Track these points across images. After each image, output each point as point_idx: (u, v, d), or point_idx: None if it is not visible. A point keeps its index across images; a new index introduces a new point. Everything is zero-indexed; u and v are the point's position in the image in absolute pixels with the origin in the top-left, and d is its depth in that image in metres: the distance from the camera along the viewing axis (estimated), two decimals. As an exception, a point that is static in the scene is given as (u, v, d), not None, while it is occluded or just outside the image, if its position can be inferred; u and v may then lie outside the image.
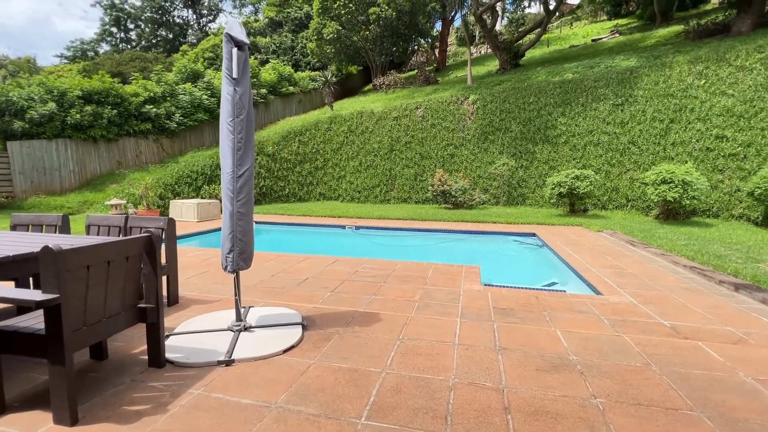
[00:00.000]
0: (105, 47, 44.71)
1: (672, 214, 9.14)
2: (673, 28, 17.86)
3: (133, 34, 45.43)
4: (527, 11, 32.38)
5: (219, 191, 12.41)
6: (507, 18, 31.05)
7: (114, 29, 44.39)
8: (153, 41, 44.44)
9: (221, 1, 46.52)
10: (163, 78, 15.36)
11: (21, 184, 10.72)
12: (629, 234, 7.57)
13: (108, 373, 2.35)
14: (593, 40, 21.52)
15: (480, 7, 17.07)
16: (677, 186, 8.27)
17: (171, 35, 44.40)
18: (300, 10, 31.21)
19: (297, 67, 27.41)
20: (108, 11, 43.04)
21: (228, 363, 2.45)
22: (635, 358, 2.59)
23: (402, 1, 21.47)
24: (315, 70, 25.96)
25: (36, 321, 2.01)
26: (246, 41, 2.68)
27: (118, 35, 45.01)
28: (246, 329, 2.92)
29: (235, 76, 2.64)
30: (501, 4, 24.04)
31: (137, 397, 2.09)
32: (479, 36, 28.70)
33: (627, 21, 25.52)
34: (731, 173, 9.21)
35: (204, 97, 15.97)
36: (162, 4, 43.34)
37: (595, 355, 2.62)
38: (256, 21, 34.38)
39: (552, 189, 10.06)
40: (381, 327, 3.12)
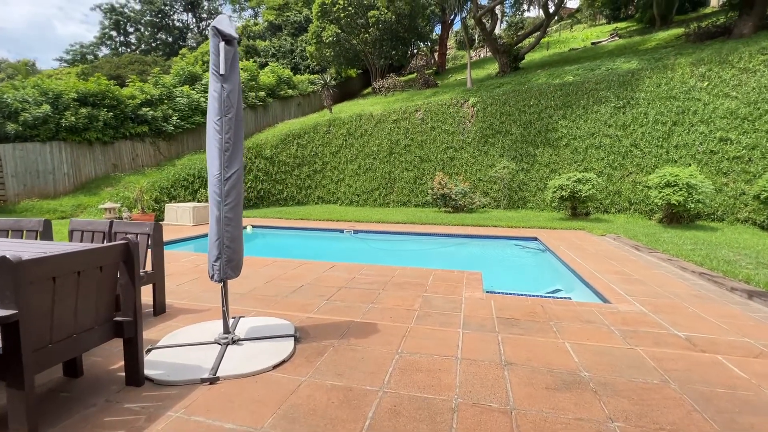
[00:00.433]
0: (105, 51, 44.72)
1: (676, 217, 8.98)
2: (673, 31, 17.80)
3: (133, 37, 45.49)
4: (526, 15, 32.44)
5: (216, 195, 12.23)
6: (506, 22, 31.10)
7: (114, 33, 44.44)
8: (153, 45, 44.47)
9: (221, 5, 46.56)
10: (161, 80, 15.23)
11: (13, 187, 10.54)
12: (633, 238, 7.41)
13: (81, 393, 2.17)
14: (593, 43, 21.47)
15: (479, 10, 17.02)
16: (681, 189, 8.12)
17: (170, 39, 44.43)
18: (299, 13, 31.22)
19: (296, 71, 27.34)
20: (108, 15, 43.10)
21: (212, 381, 2.27)
22: (651, 374, 2.41)
23: (401, 5, 21.44)
24: (314, 73, 25.89)
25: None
26: (235, 35, 2.52)
27: (117, 39, 45.05)
28: (234, 342, 2.73)
29: (223, 72, 2.47)
30: (500, 7, 24.05)
31: (109, 422, 1.90)
32: (479, 39, 28.69)
33: (626, 24, 25.51)
34: (736, 176, 9.07)
35: (202, 100, 15.83)
36: (162, 8, 43.41)
37: (609, 371, 2.44)
38: (255, 24, 34.39)
39: (553, 192, 9.91)
40: (378, 339, 2.94)
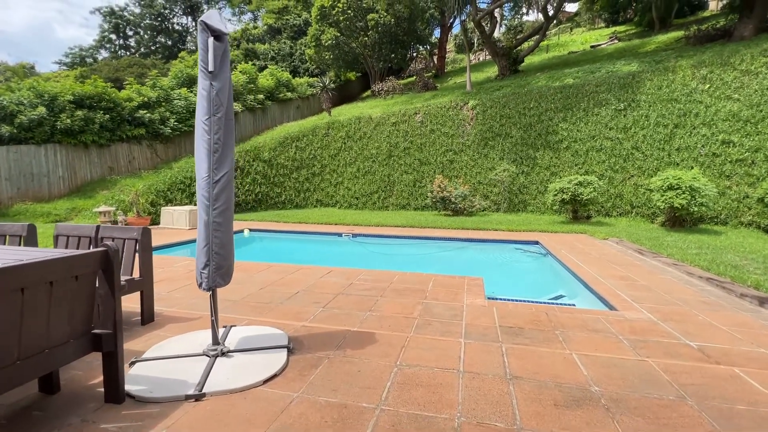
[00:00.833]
0: (104, 54, 44.71)
1: (679, 221, 8.86)
2: (673, 34, 17.80)
3: (132, 41, 45.51)
4: (525, 19, 32.55)
5: (213, 198, 12.09)
6: (505, 26, 31.17)
7: (113, 36, 44.45)
8: (152, 48, 44.50)
9: (221, 9, 46.64)
10: (158, 83, 15.14)
11: (7, 190, 10.38)
12: (636, 242, 7.28)
13: (56, 411, 2.02)
14: (592, 46, 21.48)
15: (478, 13, 16.99)
16: (685, 192, 8.01)
17: (170, 42, 44.46)
18: (299, 17, 31.26)
19: (295, 74, 27.31)
20: (107, 18, 43.14)
21: (198, 398, 2.12)
22: (666, 389, 2.27)
23: (401, 8, 21.44)
24: (313, 76, 25.86)
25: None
26: (225, 31, 2.39)
27: (117, 42, 45.07)
28: (223, 354, 2.59)
29: (212, 69, 2.35)
30: (499, 11, 24.07)
31: (83, 445, 1.76)
32: (478, 43, 28.71)
33: (625, 28, 25.56)
34: (739, 179, 8.96)
35: (200, 103, 15.71)
36: (161, 11, 43.48)
37: (620, 386, 2.29)
38: (255, 28, 34.41)
39: (554, 195, 9.79)
40: (376, 350, 2.79)
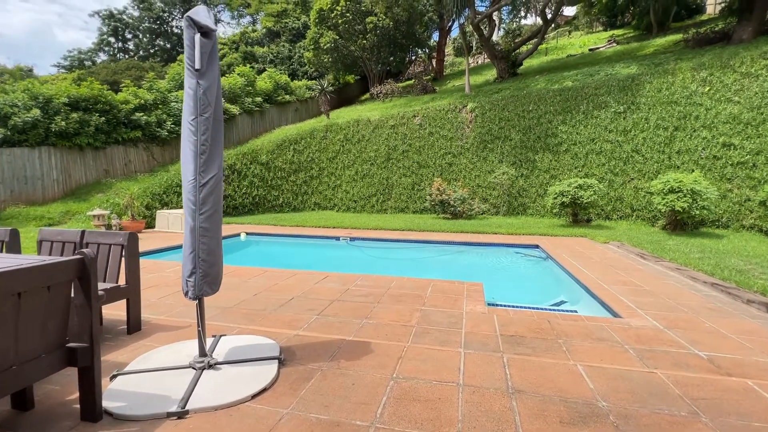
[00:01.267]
0: (103, 57, 44.67)
1: (680, 224, 8.77)
2: (671, 37, 17.81)
3: (131, 44, 45.49)
4: (523, 23, 32.61)
5: (209, 201, 11.96)
6: (503, 29, 31.24)
7: (112, 39, 44.44)
8: (151, 51, 44.50)
9: (219, 12, 46.69)
10: (155, 85, 15.04)
11: (0, 193, 10.24)
12: (638, 246, 7.18)
13: (28, 430, 1.89)
14: (590, 49, 21.49)
15: (477, 16, 16.98)
16: (686, 195, 7.91)
17: (168, 45, 44.46)
18: (298, 20, 31.28)
19: (294, 77, 27.28)
20: (106, 21, 43.14)
21: (180, 415, 1.99)
22: (677, 403, 2.15)
23: (399, 11, 21.44)
24: (312, 79, 25.82)
25: None
26: (212, 27, 2.29)
27: (115, 45, 45.05)
28: (210, 366, 2.46)
29: (198, 66, 2.24)
30: (498, 14, 24.11)
31: (52, 470, 1.63)
32: (476, 46, 28.75)
33: (623, 31, 25.62)
34: (740, 182, 8.88)
35: (197, 105, 15.61)
36: (160, 14, 43.50)
37: (629, 401, 2.17)
38: (254, 31, 34.45)
39: (554, 198, 9.69)
40: (372, 361, 2.67)
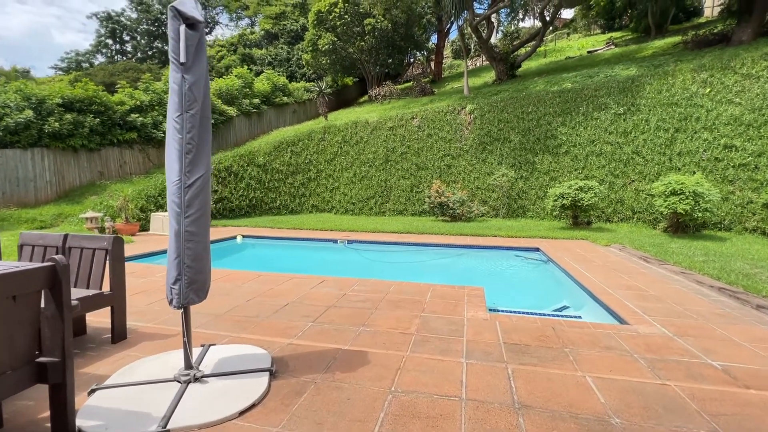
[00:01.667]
0: (100, 59, 44.56)
1: (681, 227, 8.67)
2: (669, 39, 17.80)
3: (129, 46, 45.36)
4: (521, 25, 32.68)
5: (205, 203, 11.79)
6: (501, 32, 31.29)
7: (109, 41, 44.31)
8: (148, 53, 44.38)
9: (218, 14, 46.64)
10: (151, 87, 14.90)
11: (-9, 195, 10.07)
12: (640, 249, 7.06)
13: (-7, 453, 1.73)
14: (589, 51, 21.49)
15: (476, 18, 16.94)
16: (688, 198, 7.81)
17: (166, 47, 44.29)
18: (296, 22, 31.25)
19: (292, 79, 27.21)
20: (104, 23, 43.04)
21: (160, 435, 1.84)
22: (695, 420, 2.01)
23: (397, 13, 21.40)
24: (310, 81, 25.75)
25: None
26: (200, 19, 2.15)
27: (113, 47, 44.92)
28: (197, 380, 2.30)
29: (183, 60, 2.10)
30: (496, 16, 24.11)
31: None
32: (474, 48, 28.77)
33: (621, 34, 25.64)
34: (742, 184, 8.79)
35: (194, 107, 15.48)
36: (158, 16, 43.40)
37: (643, 417, 2.03)
38: (252, 33, 34.41)
39: (554, 201, 9.58)
40: (369, 372, 2.52)
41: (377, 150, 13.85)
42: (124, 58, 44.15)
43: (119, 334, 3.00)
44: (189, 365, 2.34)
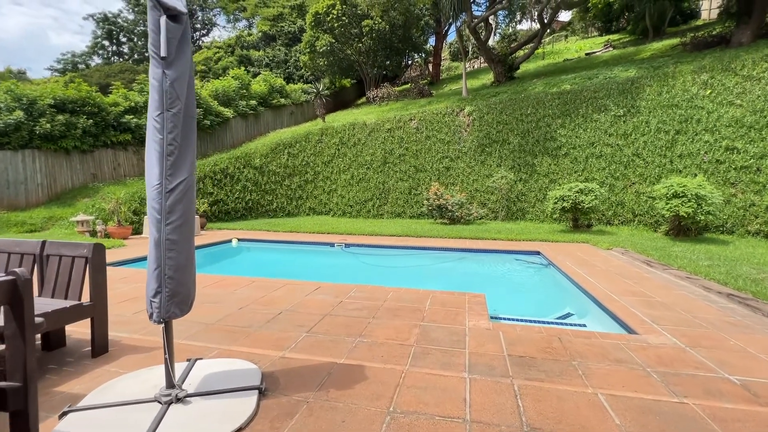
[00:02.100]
0: (97, 60, 44.29)
1: (683, 230, 8.55)
2: (667, 41, 17.79)
3: (126, 47, 45.13)
4: (519, 28, 32.71)
5: (200, 205, 11.62)
6: (499, 34, 31.29)
7: (106, 42, 44.07)
8: (145, 54, 44.11)
9: (215, 16, 46.50)
10: (146, 88, 14.70)
11: (-20, 198, 9.84)
12: (643, 252, 6.92)
13: (-54, 489, 1.55)
14: (587, 54, 21.47)
15: (474, 20, 16.87)
16: (691, 200, 7.70)
17: (163, 48, 44.07)
18: (294, 24, 31.15)
19: (290, 80, 27.07)
20: (100, 24, 42.79)
21: (134, 467, 1.67)
22: (719, 444, 1.86)
23: (395, 15, 21.31)
24: (308, 83, 25.63)
25: None
26: (182, 9, 1.99)
27: (110, 48, 44.68)
28: (179, 400, 2.13)
29: (164, 54, 1.94)
30: (494, 18, 24.08)
31: None
32: (473, 50, 28.74)
33: (618, 36, 25.67)
34: (744, 187, 8.69)
35: (189, 108, 15.30)
36: (155, 17, 43.17)
37: (663, 440, 1.88)
38: (249, 35, 34.26)
39: (554, 203, 9.46)
40: (366, 390, 2.35)
41: (375, 152, 13.71)
42: (120, 59, 43.90)
43: (100, 347, 2.82)
44: (171, 384, 2.16)
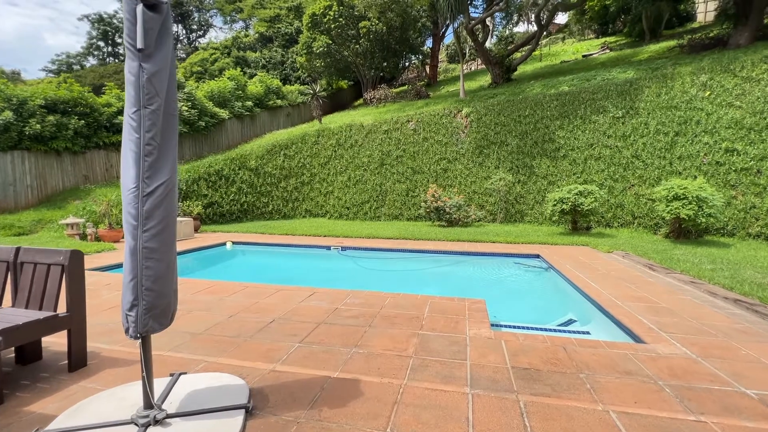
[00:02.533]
0: (92, 61, 43.95)
1: (684, 232, 8.46)
2: (664, 43, 17.80)
3: (121, 48, 44.79)
4: (515, 30, 32.74)
5: (194, 207, 11.42)
6: (496, 36, 31.31)
7: (101, 43, 43.76)
8: (141, 55, 43.80)
9: (211, 17, 46.29)
10: (140, 88, 14.49)
11: (-33, 200, 9.60)
12: (644, 256, 6.82)
13: None
14: (584, 55, 21.48)
15: (471, 21, 16.81)
16: (692, 203, 7.60)
17: (159, 49, 43.82)
18: (291, 25, 31.02)
19: (287, 81, 26.91)
20: (95, 25, 42.50)
21: (102, 503, 1.50)
22: (744, 470, 1.72)
23: (393, 16, 21.23)
24: (305, 84, 25.47)
25: None
26: (162, -1, 1.84)
27: (105, 49, 44.36)
28: (158, 422, 1.96)
29: (141, 46, 1.78)
30: (491, 20, 24.09)
31: None
32: (470, 52, 28.74)
33: (615, 38, 25.73)
34: (745, 188, 8.62)
35: (184, 109, 15.13)
36: (151, 18, 42.93)
37: (683, 466, 1.73)
38: (246, 36, 34.09)
39: (554, 205, 9.34)
40: (361, 408, 2.19)
41: (372, 153, 13.57)
42: (116, 60, 43.58)
43: (77, 360, 2.64)
44: (149, 404, 1.99)
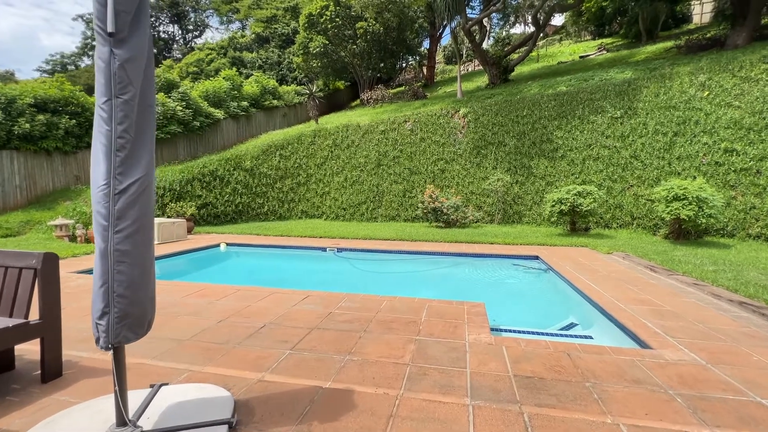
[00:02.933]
0: (87, 61, 43.58)
1: (683, 233, 8.38)
2: (661, 44, 17.82)
3: (117, 48, 44.47)
4: (512, 31, 32.79)
5: (187, 208, 11.22)
6: (493, 38, 31.33)
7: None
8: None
9: (208, 17, 46.06)
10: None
11: (-46, 201, 9.37)
12: (644, 257, 6.71)
13: None
14: (581, 56, 21.49)
15: (468, 21, 16.75)
16: (692, 203, 7.52)
17: (155, 50, 43.56)
18: (287, 26, 30.88)
19: (283, 82, 26.76)
20: (90, 25, 42.11)
21: None
22: (769, 491, 1.58)
23: (390, 17, 21.15)
24: (301, 84, 25.33)
25: None
26: (135, -21, 1.69)
27: (100, 49, 44.00)
28: (132, 440, 1.81)
29: (111, 30, 1.63)
30: (488, 20, 24.06)
31: None
32: (467, 53, 28.71)
33: (611, 40, 25.78)
34: (744, 189, 8.56)
35: (178, 108, 14.93)
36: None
37: (703, 487, 1.60)
38: (243, 37, 33.91)
39: (552, 206, 9.24)
40: (354, 422, 2.04)
41: (369, 154, 13.43)
42: (111, 60, 43.21)
43: (52, 370, 2.47)
44: (123, 421, 1.83)
